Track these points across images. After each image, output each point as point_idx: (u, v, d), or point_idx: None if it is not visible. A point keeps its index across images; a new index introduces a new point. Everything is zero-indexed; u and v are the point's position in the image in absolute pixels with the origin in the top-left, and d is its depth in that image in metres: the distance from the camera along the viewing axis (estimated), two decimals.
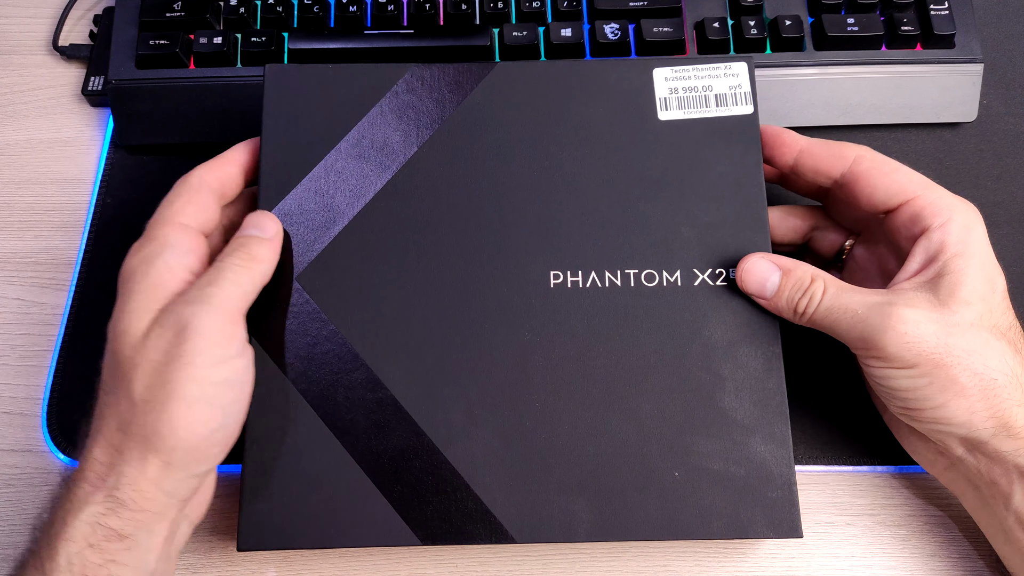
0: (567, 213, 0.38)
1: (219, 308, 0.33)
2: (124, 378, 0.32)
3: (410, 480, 0.36)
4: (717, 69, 0.40)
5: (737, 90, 0.40)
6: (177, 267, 0.34)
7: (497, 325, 0.37)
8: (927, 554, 0.39)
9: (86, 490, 0.32)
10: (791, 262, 0.37)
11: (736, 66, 0.40)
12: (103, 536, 0.31)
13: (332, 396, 0.37)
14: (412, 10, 0.48)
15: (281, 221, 0.38)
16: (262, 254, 0.36)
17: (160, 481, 0.32)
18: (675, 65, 0.40)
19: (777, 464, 0.36)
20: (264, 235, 0.37)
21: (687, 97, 0.40)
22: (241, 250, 0.36)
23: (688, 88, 0.40)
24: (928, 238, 0.36)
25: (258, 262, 0.36)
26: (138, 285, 0.34)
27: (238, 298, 0.34)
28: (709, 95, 0.40)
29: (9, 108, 0.50)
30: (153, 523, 0.32)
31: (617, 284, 0.38)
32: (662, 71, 0.40)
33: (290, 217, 0.38)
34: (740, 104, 0.40)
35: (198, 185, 0.37)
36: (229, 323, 0.34)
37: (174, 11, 0.47)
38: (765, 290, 0.37)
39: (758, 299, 0.37)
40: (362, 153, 0.39)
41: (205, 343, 0.32)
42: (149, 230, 0.36)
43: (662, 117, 0.40)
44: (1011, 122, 0.49)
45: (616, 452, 0.36)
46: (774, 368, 0.37)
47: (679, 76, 0.40)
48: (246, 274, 0.35)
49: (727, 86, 0.40)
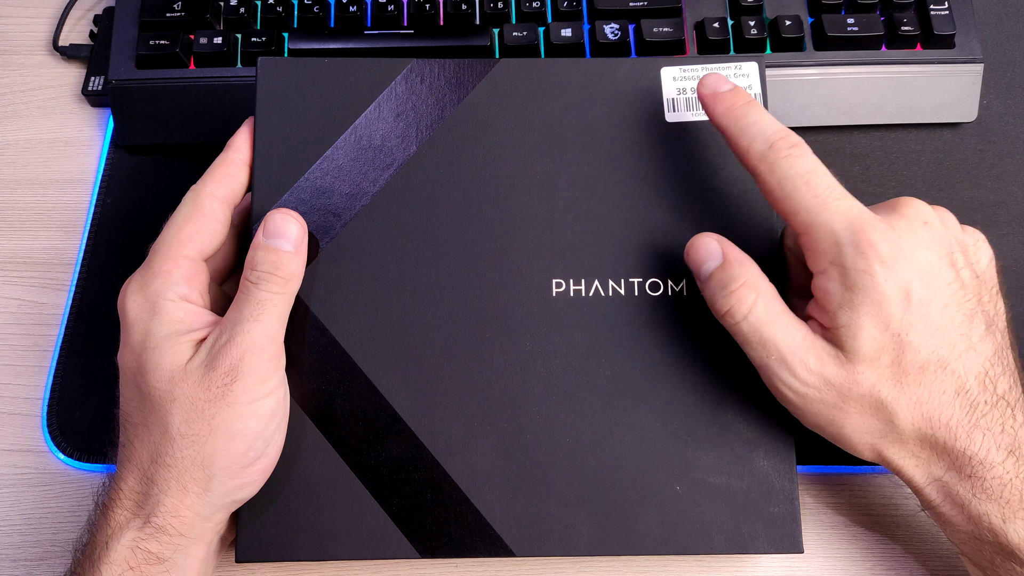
0: (570, 218, 0.38)
1: (265, 347, 0.33)
2: (157, 412, 0.33)
3: (409, 492, 0.36)
4: (727, 69, 0.39)
5: (747, 91, 0.39)
6: (182, 304, 0.34)
7: (497, 334, 0.37)
8: (926, 554, 0.39)
9: (124, 516, 0.32)
10: (738, 256, 0.34)
11: (747, 66, 0.39)
12: (143, 559, 0.32)
13: (330, 407, 0.36)
14: (412, 10, 0.47)
15: None
16: (294, 270, 0.35)
17: (198, 509, 0.33)
18: (684, 64, 0.39)
19: (780, 479, 0.36)
20: (292, 247, 0.35)
21: (695, 98, 0.39)
22: (276, 275, 0.34)
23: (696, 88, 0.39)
24: (814, 284, 0.33)
25: (293, 282, 0.35)
26: (153, 325, 0.33)
27: (279, 329, 0.34)
28: None
29: (9, 108, 0.50)
30: (190, 546, 0.33)
31: (621, 293, 0.37)
32: (670, 70, 0.39)
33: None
34: None
35: (210, 207, 0.36)
36: (275, 358, 0.34)
37: (174, 11, 0.47)
38: (700, 270, 0.34)
39: (697, 281, 0.35)
40: (359, 153, 0.38)
41: (254, 382, 0.33)
42: (153, 261, 0.35)
43: (669, 119, 0.39)
44: (1011, 122, 0.49)
45: (617, 465, 0.36)
46: None
47: (688, 76, 0.39)
48: (284, 301, 0.35)
49: None
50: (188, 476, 0.32)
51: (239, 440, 0.33)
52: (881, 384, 0.32)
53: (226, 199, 0.37)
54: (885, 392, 0.32)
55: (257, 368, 0.33)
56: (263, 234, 0.35)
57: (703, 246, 0.34)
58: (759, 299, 0.33)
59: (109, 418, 0.36)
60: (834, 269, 0.32)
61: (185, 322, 0.34)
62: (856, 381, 0.32)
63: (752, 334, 0.33)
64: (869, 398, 0.32)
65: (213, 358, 0.33)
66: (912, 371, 0.32)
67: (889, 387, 0.32)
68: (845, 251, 0.31)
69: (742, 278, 0.33)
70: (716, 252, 0.34)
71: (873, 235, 0.31)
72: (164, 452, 0.32)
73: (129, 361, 0.34)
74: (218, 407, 0.32)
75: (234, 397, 0.32)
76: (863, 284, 0.31)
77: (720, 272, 0.34)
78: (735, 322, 0.33)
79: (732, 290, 0.33)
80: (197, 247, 0.35)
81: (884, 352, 0.32)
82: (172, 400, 0.32)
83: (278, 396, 0.34)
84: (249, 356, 0.33)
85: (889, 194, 0.46)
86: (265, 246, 0.35)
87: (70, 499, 0.41)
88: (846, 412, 0.33)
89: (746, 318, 0.33)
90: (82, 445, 0.41)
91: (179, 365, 0.33)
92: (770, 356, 0.33)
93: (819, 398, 0.32)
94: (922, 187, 0.47)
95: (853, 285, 0.31)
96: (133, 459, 0.33)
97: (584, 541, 0.35)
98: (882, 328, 0.31)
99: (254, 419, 0.33)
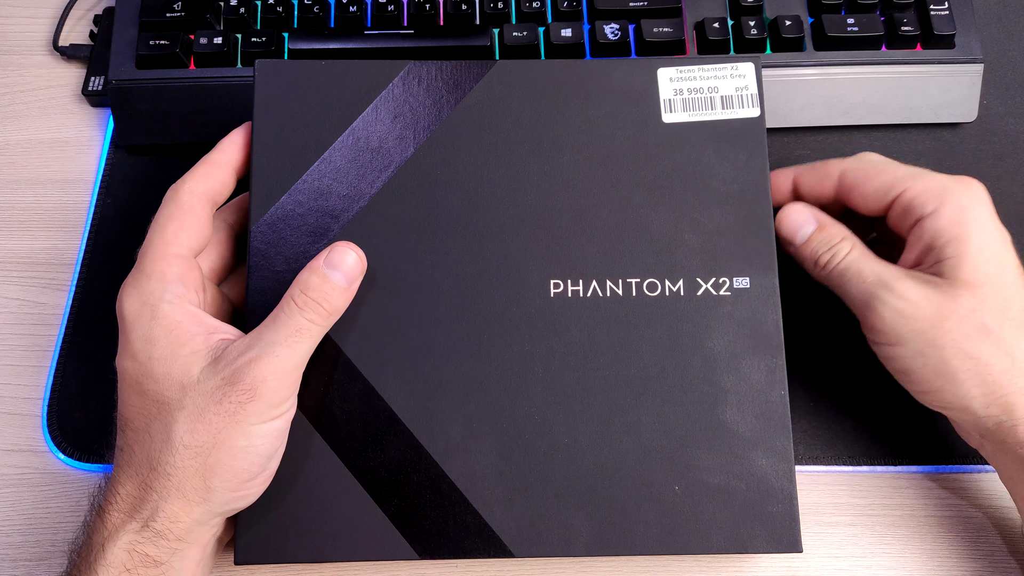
0: (568, 219, 0.38)
1: (290, 373, 0.33)
2: (161, 419, 0.32)
3: (408, 494, 0.36)
4: (723, 70, 0.40)
5: (744, 92, 0.39)
6: (180, 305, 0.34)
7: (496, 335, 0.37)
8: (927, 554, 0.39)
9: (120, 518, 0.32)
10: (828, 219, 0.38)
11: (743, 67, 0.40)
12: (139, 562, 0.32)
13: (329, 408, 0.36)
14: (412, 10, 0.47)
15: (274, 226, 0.37)
16: (340, 306, 0.35)
17: (197, 516, 0.32)
18: (680, 65, 0.39)
19: (778, 478, 0.36)
20: (346, 283, 0.35)
21: (692, 99, 0.39)
22: (323, 306, 0.34)
23: (693, 89, 0.39)
24: (921, 228, 0.36)
25: (335, 316, 0.35)
26: (156, 331, 0.33)
27: (306, 358, 0.34)
28: (715, 97, 0.39)
29: (9, 108, 0.50)
30: (187, 550, 0.33)
31: (619, 293, 0.37)
32: (667, 71, 0.39)
33: (283, 222, 0.37)
34: (747, 107, 0.39)
35: (189, 203, 0.36)
36: (295, 384, 0.34)
37: (174, 11, 0.47)
38: (796, 236, 0.38)
39: (786, 246, 0.39)
40: (357, 155, 0.38)
41: (268, 404, 0.32)
42: (144, 263, 0.35)
43: (666, 119, 0.39)
44: (1011, 122, 0.49)
45: (616, 465, 0.36)
46: (777, 381, 0.36)
47: (684, 76, 0.39)
48: (320, 333, 0.34)
49: (733, 87, 0.39)
50: (188, 486, 0.32)
51: (242, 457, 0.32)
52: (983, 309, 0.34)
53: (206, 195, 0.36)
54: (988, 318, 0.34)
55: (276, 392, 0.33)
56: (324, 261, 0.34)
57: (797, 213, 0.38)
58: (856, 246, 0.37)
59: (109, 419, 0.36)
60: (945, 209, 0.35)
61: (187, 326, 0.34)
62: (956, 302, 0.34)
63: (853, 270, 0.36)
64: (972, 322, 0.34)
65: (234, 373, 0.32)
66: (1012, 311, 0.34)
67: (992, 315, 0.34)
68: (954, 192, 0.36)
69: (841, 234, 0.38)
70: (808, 217, 0.38)
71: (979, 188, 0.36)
72: (164, 460, 0.32)
73: (132, 367, 0.34)
74: (226, 422, 0.32)
75: (244, 416, 0.32)
76: (975, 219, 0.35)
77: (819, 233, 0.38)
78: (838, 263, 0.37)
79: (833, 244, 0.37)
80: (185, 244, 0.35)
81: (986, 283, 0.34)
82: (180, 409, 0.32)
83: (287, 418, 0.34)
84: (273, 380, 0.32)
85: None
86: (323, 274, 0.34)
87: (70, 499, 0.41)
88: (947, 333, 0.34)
89: (847, 257, 0.37)
90: (82, 445, 0.41)
91: (190, 375, 0.33)
92: (870, 282, 0.36)
93: (919, 315, 0.34)
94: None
95: (964, 221, 0.35)
96: (132, 464, 0.33)
97: (583, 541, 0.35)
98: (986, 260, 0.35)
99: (260, 439, 0.33)
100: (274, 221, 0.37)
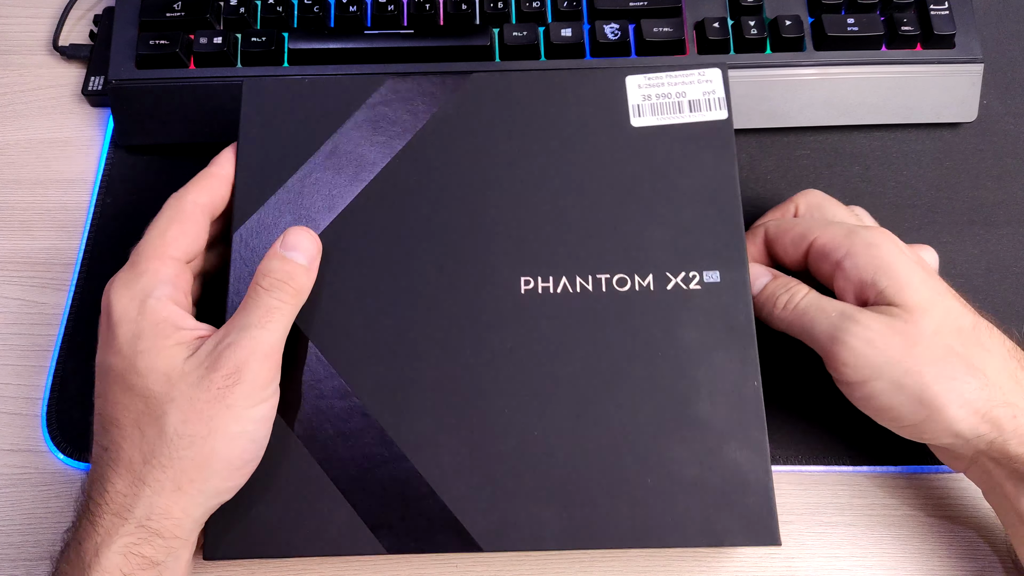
0: (538, 219, 0.39)
1: (269, 354, 0.34)
2: (151, 413, 0.33)
3: (376, 488, 0.36)
4: (690, 76, 0.41)
5: (711, 96, 0.40)
6: (167, 303, 0.34)
7: (467, 332, 0.37)
8: (927, 554, 0.39)
9: (113, 521, 0.32)
10: (780, 272, 0.39)
11: (710, 72, 0.41)
12: (136, 564, 0.32)
13: (300, 404, 0.37)
14: (412, 10, 0.48)
15: (254, 233, 0.38)
16: (304, 284, 0.36)
17: (191, 510, 0.33)
18: (648, 73, 0.41)
19: (753, 470, 0.35)
20: (306, 262, 0.36)
21: (660, 103, 0.40)
22: (288, 284, 0.35)
23: (661, 95, 0.40)
24: (843, 270, 0.36)
25: (301, 295, 0.36)
26: (143, 325, 0.34)
27: (282, 339, 0.35)
28: (683, 101, 0.40)
29: (9, 108, 0.50)
30: (181, 548, 0.33)
31: (588, 289, 0.38)
32: (635, 79, 0.41)
33: (263, 229, 0.38)
34: (714, 109, 0.40)
35: (191, 211, 0.37)
36: (275, 366, 0.34)
37: (174, 11, 0.47)
38: (752, 287, 0.38)
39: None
40: (336, 164, 0.39)
41: (255, 387, 0.33)
42: (138, 261, 0.35)
43: (635, 123, 0.40)
44: (1011, 122, 0.49)
45: (587, 459, 0.36)
46: (750, 373, 0.36)
47: (652, 83, 0.40)
48: (291, 312, 0.35)
49: (701, 92, 0.40)
50: (184, 477, 0.32)
51: (237, 443, 0.33)
52: (943, 330, 0.34)
53: (207, 207, 0.37)
54: (950, 338, 0.34)
55: (259, 373, 0.33)
56: (281, 245, 0.36)
57: (751, 268, 0.39)
58: (812, 290, 0.37)
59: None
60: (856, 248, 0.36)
61: (173, 322, 0.34)
62: (919, 326, 0.34)
63: (815, 306, 0.36)
64: (938, 344, 0.34)
65: (215, 359, 0.33)
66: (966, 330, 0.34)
67: (951, 335, 0.34)
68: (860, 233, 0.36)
69: (796, 280, 0.38)
70: (763, 271, 0.39)
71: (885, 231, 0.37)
72: (159, 453, 0.32)
73: (116, 363, 0.34)
74: (217, 408, 0.32)
75: (234, 400, 0.32)
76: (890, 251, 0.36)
77: (773, 281, 0.38)
78: (798, 302, 0.37)
79: (791, 287, 0.37)
80: (182, 249, 0.36)
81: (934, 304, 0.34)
82: (170, 401, 0.32)
83: (273, 403, 0.34)
84: (253, 361, 0.33)
85: (889, 194, 0.46)
86: (281, 256, 0.35)
87: (70, 499, 0.41)
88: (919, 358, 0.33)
89: (807, 297, 0.37)
90: (82, 445, 0.41)
91: (175, 367, 0.33)
92: (834, 316, 0.35)
93: (890, 344, 0.34)
94: (922, 187, 0.47)
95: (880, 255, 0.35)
96: (121, 462, 0.33)
97: (553, 535, 0.35)
98: (921, 282, 0.35)
99: (252, 423, 0.33)
100: (254, 228, 0.39)
